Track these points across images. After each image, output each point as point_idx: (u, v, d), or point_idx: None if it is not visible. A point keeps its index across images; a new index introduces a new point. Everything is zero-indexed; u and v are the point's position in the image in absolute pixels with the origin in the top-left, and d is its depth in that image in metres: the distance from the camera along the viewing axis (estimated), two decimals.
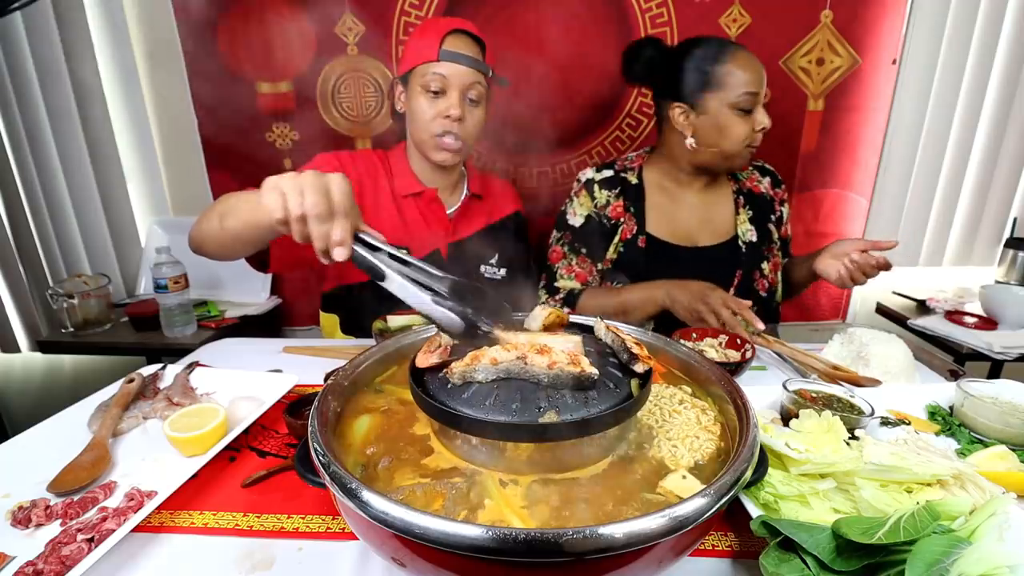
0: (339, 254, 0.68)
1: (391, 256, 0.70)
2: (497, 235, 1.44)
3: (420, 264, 0.69)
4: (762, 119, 1.29)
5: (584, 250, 1.43)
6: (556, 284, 1.42)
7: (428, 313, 0.64)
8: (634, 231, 1.41)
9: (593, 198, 1.44)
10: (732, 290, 1.41)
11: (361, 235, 0.71)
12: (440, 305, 0.63)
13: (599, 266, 1.44)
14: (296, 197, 0.69)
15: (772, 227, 1.47)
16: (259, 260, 1.15)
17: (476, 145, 1.47)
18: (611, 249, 1.43)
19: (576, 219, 1.45)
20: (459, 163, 1.35)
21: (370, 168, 1.34)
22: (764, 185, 1.49)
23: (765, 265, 1.44)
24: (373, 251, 0.69)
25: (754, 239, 1.44)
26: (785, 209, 1.53)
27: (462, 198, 1.40)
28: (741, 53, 1.28)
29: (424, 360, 0.63)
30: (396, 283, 0.65)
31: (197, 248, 1.03)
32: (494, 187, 1.50)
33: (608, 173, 1.45)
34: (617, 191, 1.43)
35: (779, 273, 1.49)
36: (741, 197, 1.45)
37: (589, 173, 1.47)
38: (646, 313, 1.29)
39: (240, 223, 0.88)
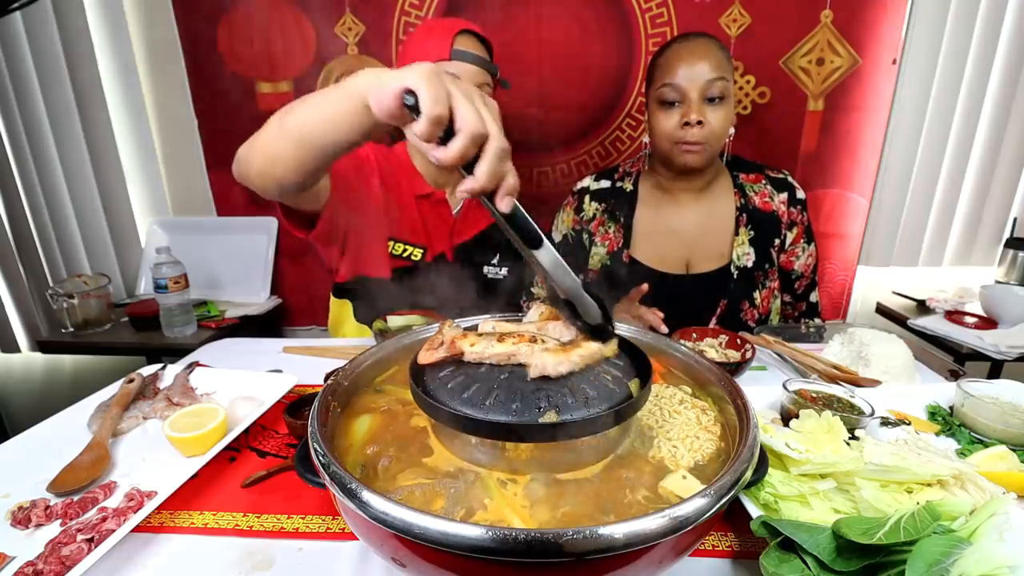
0: (506, 205, 0.56)
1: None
2: (498, 235, 1.44)
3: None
4: (691, 113, 1.14)
5: None
6: (532, 289, 1.44)
7: (576, 297, 0.59)
8: (620, 244, 1.36)
9: (580, 210, 1.42)
10: (715, 319, 1.33)
11: None
12: (587, 292, 0.59)
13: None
14: (470, 108, 0.53)
15: (775, 251, 1.33)
16: (307, 219, 1.08)
17: None
18: (594, 260, 1.40)
19: (556, 234, 1.47)
20: None
21: (395, 166, 1.32)
22: (777, 202, 1.33)
23: (757, 294, 1.32)
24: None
25: (749, 264, 1.31)
26: (793, 235, 1.34)
27: (464, 199, 1.40)
28: (681, 43, 1.18)
29: (427, 356, 0.63)
30: (549, 256, 0.56)
31: (244, 167, 0.88)
32: None
33: (604, 184, 1.41)
34: (605, 205, 1.39)
35: (776, 300, 1.37)
36: (744, 215, 1.31)
37: (586, 181, 1.44)
38: None
39: (325, 112, 0.71)
